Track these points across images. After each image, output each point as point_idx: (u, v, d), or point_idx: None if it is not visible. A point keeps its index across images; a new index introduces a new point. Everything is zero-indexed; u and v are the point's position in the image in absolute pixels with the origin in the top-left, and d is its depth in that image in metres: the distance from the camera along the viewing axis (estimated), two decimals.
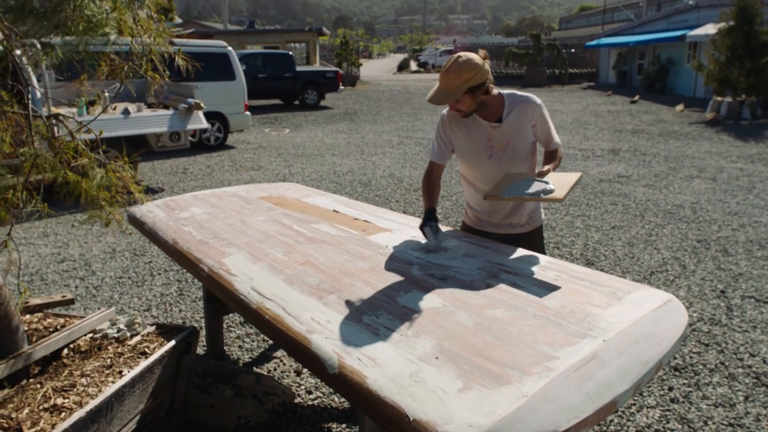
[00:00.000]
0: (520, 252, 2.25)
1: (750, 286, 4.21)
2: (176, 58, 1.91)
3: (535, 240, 2.63)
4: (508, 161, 2.45)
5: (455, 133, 2.49)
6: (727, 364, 3.17)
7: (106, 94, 6.09)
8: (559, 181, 2.23)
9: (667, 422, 2.68)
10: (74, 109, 6.65)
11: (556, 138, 2.46)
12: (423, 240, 2.34)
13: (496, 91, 2.40)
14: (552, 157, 2.41)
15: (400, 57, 60.05)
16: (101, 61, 1.87)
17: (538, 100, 2.42)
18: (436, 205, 2.48)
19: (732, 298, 4.01)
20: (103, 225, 2.07)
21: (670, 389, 2.94)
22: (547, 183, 2.20)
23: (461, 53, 2.26)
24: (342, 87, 19.45)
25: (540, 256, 2.21)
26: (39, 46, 2.14)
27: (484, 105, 2.37)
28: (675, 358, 3.23)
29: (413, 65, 48.56)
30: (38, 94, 6.07)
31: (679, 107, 15.94)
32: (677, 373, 3.09)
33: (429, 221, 2.33)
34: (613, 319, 1.67)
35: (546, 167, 2.27)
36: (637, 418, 2.71)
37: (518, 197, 2.19)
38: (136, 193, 2.08)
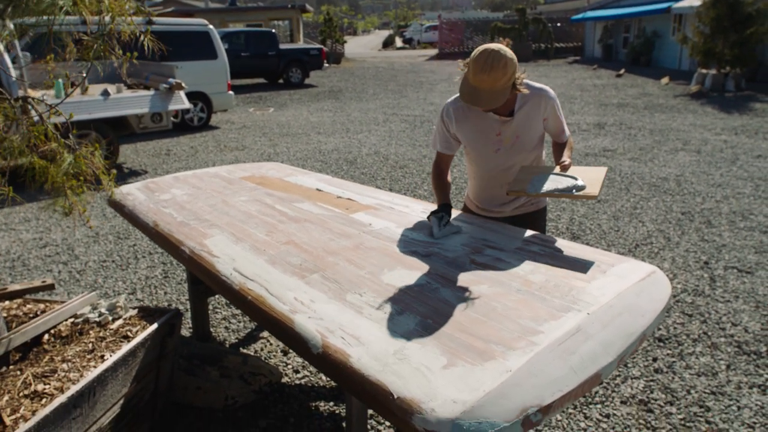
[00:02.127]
0: (505, 227, 2.24)
1: (733, 256, 4.26)
2: (143, 38, 1.83)
3: (537, 220, 2.53)
4: (515, 155, 2.32)
5: (462, 127, 2.33)
6: (709, 333, 3.21)
7: (84, 73, 5.96)
8: (586, 176, 2.07)
9: (651, 392, 2.71)
10: (52, 91, 6.51)
11: (567, 130, 2.34)
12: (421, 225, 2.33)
13: None
14: (564, 148, 2.29)
15: (385, 33, 59.39)
16: (68, 41, 1.80)
17: (552, 92, 2.27)
18: (449, 200, 2.34)
19: (715, 269, 4.05)
20: (64, 214, 2.00)
21: (654, 360, 2.97)
22: (575, 178, 2.05)
23: (492, 46, 2.02)
24: (326, 65, 19.24)
25: (524, 230, 2.20)
26: (12, 26, 2.06)
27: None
28: (659, 329, 3.27)
29: (398, 42, 48.08)
30: (13, 76, 5.92)
31: (665, 80, 15.96)
32: (661, 344, 3.12)
33: (439, 212, 2.21)
34: (597, 293, 1.66)
35: (567, 160, 2.14)
36: (621, 389, 2.74)
37: (548, 193, 2.03)
38: (105, 184, 2.01)
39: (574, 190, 2.00)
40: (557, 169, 2.15)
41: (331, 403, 2.65)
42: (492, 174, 2.41)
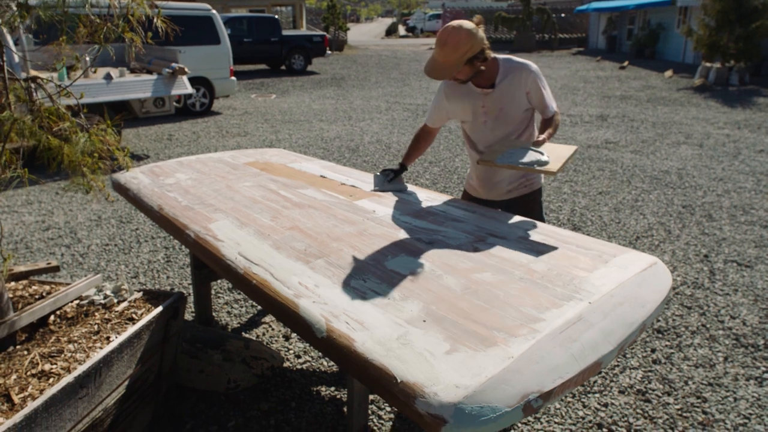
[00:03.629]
0: (508, 216, 2.26)
1: (733, 250, 4.27)
2: (155, 20, 1.84)
3: (533, 202, 2.64)
4: (502, 127, 2.44)
5: (451, 100, 2.50)
6: (708, 326, 3.24)
7: (87, 58, 5.95)
8: (554, 153, 2.20)
9: (649, 383, 2.74)
10: (55, 74, 6.50)
11: (552, 105, 2.40)
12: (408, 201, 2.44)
13: (492, 56, 2.36)
14: (548, 125, 2.37)
15: (388, 21, 59.05)
16: (80, 23, 1.81)
17: (534, 66, 2.37)
18: (409, 163, 2.68)
19: (715, 262, 4.07)
20: (85, 192, 2.03)
21: (653, 351, 3.00)
22: (542, 153, 2.17)
23: (455, 23, 2.20)
24: (329, 52, 19.14)
25: (527, 220, 2.22)
26: (15, 7, 2.06)
27: (480, 71, 2.34)
28: (658, 320, 3.29)
29: (401, 30, 47.78)
30: (16, 59, 5.91)
31: (668, 73, 15.90)
32: (660, 335, 3.15)
33: (389, 169, 2.58)
34: (598, 282, 1.68)
35: (541, 137, 2.24)
36: (620, 379, 2.77)
37: (511, 165, 2.16)
38: (120, 159, 2.04)
39: (536, 165, 2.12)
40: (532, 145, 2.24)
41: (333, 388, 2.68)
42: (484, 146, 2.52)
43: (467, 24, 2.20)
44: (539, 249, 1.93)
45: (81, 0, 1.79)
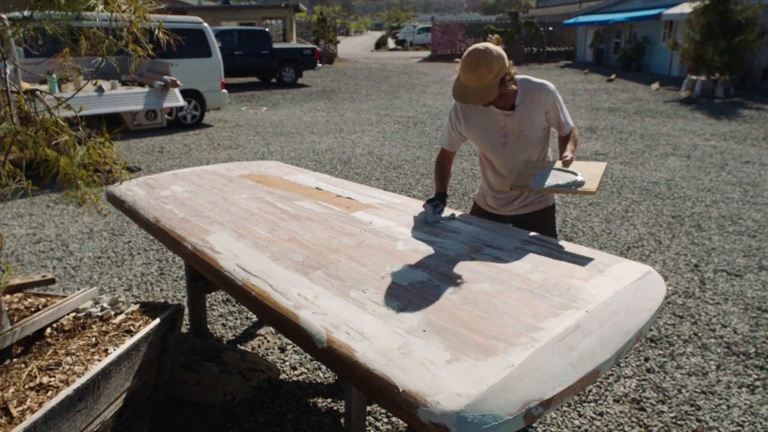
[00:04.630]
0: (503, 227, 2.28)
1: (722, 260, 4.33)
2: (156, 33, 1.87)
3: (546, 218, 2.62)
4: (522, 148, 2.43)
5: (469, 123, 2.46)
6: (700, 335, 3.27)
7: (80, 70, 5.95)
8: (587, 172, 2.15)
9: (643, 391, 2.77)
10: (45, 86, 6.48)
11: (570, 122, 2.41)
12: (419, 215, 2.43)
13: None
14: (568, 141, 2.36)
15: (377, 34, 59.51)
16: (82, 36, 1.83)
17: (551, 87, 2.38)
18: (446, 190, 2.55)
19: (705, 271, 4.12)
20: (78, 205, 2.03)
21: (646, 360, 3.03)
22: (575, 174, 2.13)
23: (479, 45, 2.15)
24: (319, 65, 19.22)
25: (522, 231, 2.24)
26: (7, 20, 2.07)
27: (506, 91, 2.28)
28: (651, 330, 3.32)
29: (391, 43, 48.15)
30: (8, 71, 5.89)
31: (655, 86, 16.11)
32: (653, 344, 3.18)
33: (435, 200, 2.40)
34: (594, 291, 1.71)
35: (568, 155, 2.21)
36: (614, 388, 2.79)
37: (549, 189, 2.12)
38: (116, 172, 2.04)
39: (573, 186, 2.09)
40: (559, 164, 2.23)
41: (329, 400, 2.68)
42: (503, 171, 2.52)
43: (492, 44, 2.16)
44: (535, 259, 1.95)
45: (76, 14, 1.80)
